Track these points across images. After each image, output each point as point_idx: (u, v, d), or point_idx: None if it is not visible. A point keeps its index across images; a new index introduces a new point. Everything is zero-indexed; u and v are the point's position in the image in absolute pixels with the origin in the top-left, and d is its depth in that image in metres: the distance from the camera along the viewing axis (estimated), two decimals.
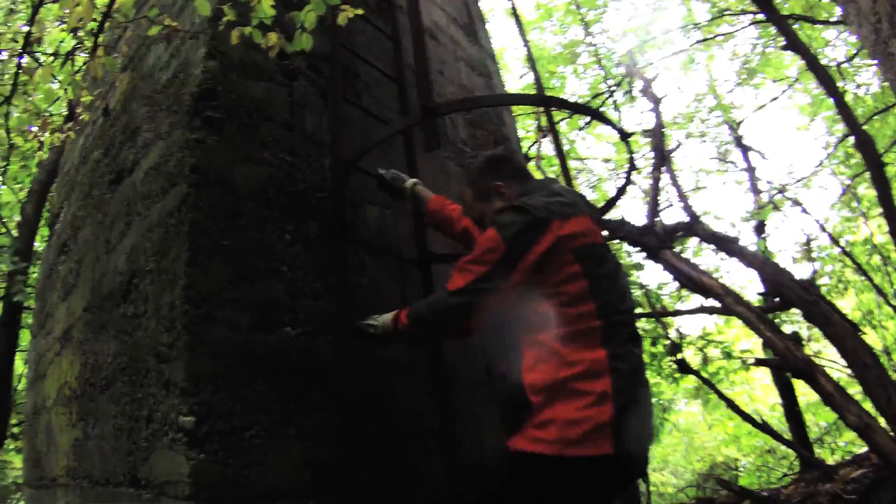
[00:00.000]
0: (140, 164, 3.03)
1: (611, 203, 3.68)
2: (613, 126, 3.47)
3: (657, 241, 3.25)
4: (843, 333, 2.58)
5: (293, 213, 2.78)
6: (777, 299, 3.10)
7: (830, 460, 9.39)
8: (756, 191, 11.43)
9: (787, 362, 2.68)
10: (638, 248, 3.64)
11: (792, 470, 10.66)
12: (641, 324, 11.55)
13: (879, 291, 6.36)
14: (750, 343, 12.91)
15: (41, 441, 3.73)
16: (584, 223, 2.36)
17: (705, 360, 10.93)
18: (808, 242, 10.21)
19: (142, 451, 2.43)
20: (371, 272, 3.13)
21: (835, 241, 7.49)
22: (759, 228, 10.87)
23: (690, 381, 12.94)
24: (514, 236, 2.24)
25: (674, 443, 17.13)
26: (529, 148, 10.33)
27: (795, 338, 2.70)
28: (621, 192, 3.62)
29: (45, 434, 3.62)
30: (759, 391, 17.55)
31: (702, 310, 9.51)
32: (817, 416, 12.74)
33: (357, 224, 3.13)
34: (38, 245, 8.86)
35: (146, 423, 2.40)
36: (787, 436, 10.61)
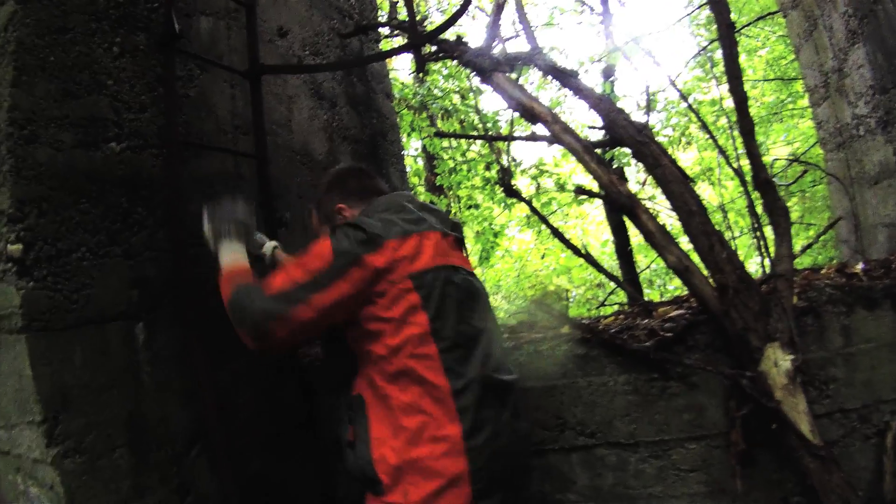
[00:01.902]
0: None
1: (447, 24, 3.84)
2: None
3: (491, 63, 3.40)
4: (671, 178, 2.83)
5: (122, 24, 2.76)
6: (608, 136, 3.40)
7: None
8: (609, 36, 11.80)
9: (609, 195, 2.92)
10: (472, 70, 3.78)
11: (621, 306, 11.66)
12: (476, 148, 11.96)
13: (721, 151, 6.90)
14: (587, 179, 13.67)
15: None
16: (431, 243, 2.36)
17: (538, 190, 11.50)
18: (650, 91, 10.87)
19: None
20: (200, 83, 3.22)
21: (683, 96, 7.97)
22: (608, 72, 11.39)
23: (524, 210, 13.63)
24: (345, 249, 2.22)
25: (506, 268, 18.04)
26: None
27: (620, 173, 2.98)
28: (459, 12, 3.80)
29: None
30: (592, 226, 18.75)
31: (532, 137, 9.94)
32: (647, 258, 13.77)
33: (188, 34, 3.14)
34: None
35: None
36: (618, 273, 11.55)
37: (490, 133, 10.19)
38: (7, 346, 2.34)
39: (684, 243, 2.95)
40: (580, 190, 3.59)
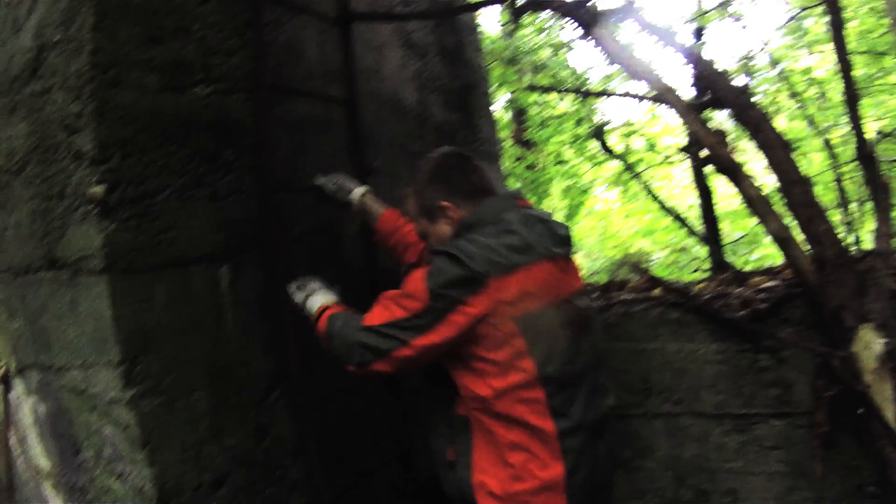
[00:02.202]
0: None
1: None
2: None
3: (592, 17, 3.25)
4: (773, 144, 2.69)
5: None
6: (707, 98, 3.24)
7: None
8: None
9: (712, 157, 2.79)
10: (570, 22, 3.63)
11: (703, 273, 11.44)
12: (565, 104, 11.78)
13: (812, 122, 6.62)
14: (674, 140, 13.40)
15: None
16: (539, 277, 2.18)
17: (628, 149, 11.31)
18: (748, 56, 10.49)
19: (57, 231, 2.50)
20: (289, 29, 3.17)
21: (774, 63, 7.66)
22: (698, 33, 11.03)
23: (610, 169, 13.42)
24: (440, 290, 2.09)
25: (590, 226, 17.88)
26: None
27: (722, 134, 2.83)
28: None
29: None
30: (677, 190, 18.36)
31: (630, 94, 9.77)
32: (733, 226, 13.46)
33: None
34: None
35: (59, 199, 2.45)
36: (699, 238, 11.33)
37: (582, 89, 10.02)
38: (87, 287, 2.36)
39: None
40: (685, 149, 3.45)
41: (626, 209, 16.76)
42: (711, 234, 11.19)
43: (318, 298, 2.58)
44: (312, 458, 2.88)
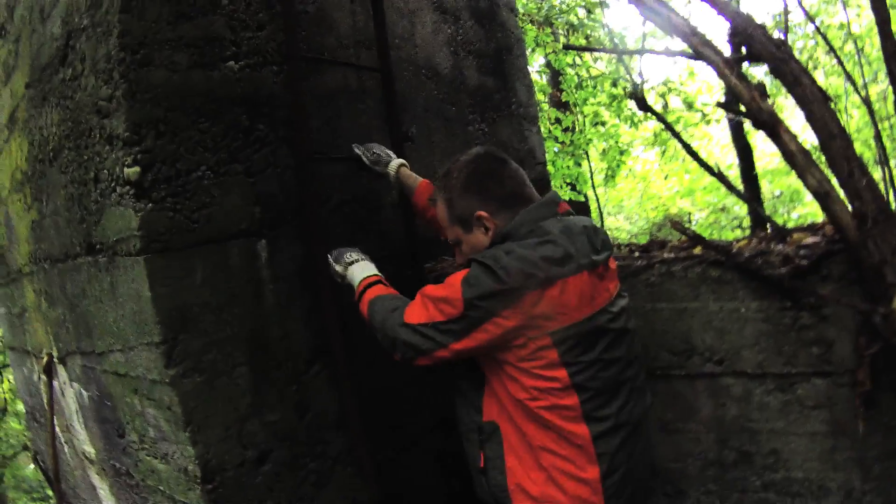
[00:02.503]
0: None
1: None
2: None
3: None
4: (812, 98, 2.61)
5: None
6: (745, 52, 3.15)
7: None
8: None
9: (751, 112, 2.72)
10: None
11: (743, 231, 11.30)
12: (602, 65, 11.64)
13: (849, 77, 6.45)
14: (711, 98, 13.20)
15: (3, 234, 3.81)
16: (577, 289, 2.11)
17: (665, 108, 11.17)
18: (784, 11, 10.24)
19: (93, 216, 2.51)
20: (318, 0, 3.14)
21: (810, 18, 7.48)
22: None
23: (648, 130, 13.27)
24: (475, 301, 2.07)
25: (629, 188, 17.76)
26: None
27: (761, 89, 2.75)
28: None
29: (5, 227, 3.70)
30: (716, 149, 18.15)
31: (667, 52, 9.60)
32: (773, 184, 13.28)
33: None
34: None
35: (94, 184, 2.46)
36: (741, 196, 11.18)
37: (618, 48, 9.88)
38: (125, 269, 2.37)
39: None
40: (723, 105, 3.38)
41: (665, 170, 16.61)
42: (752, 193, 11.06)
43: (358, 271, 2.58)
44: (354, 430, 2.89)
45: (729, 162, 15.23)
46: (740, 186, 11.52)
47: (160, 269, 2.28)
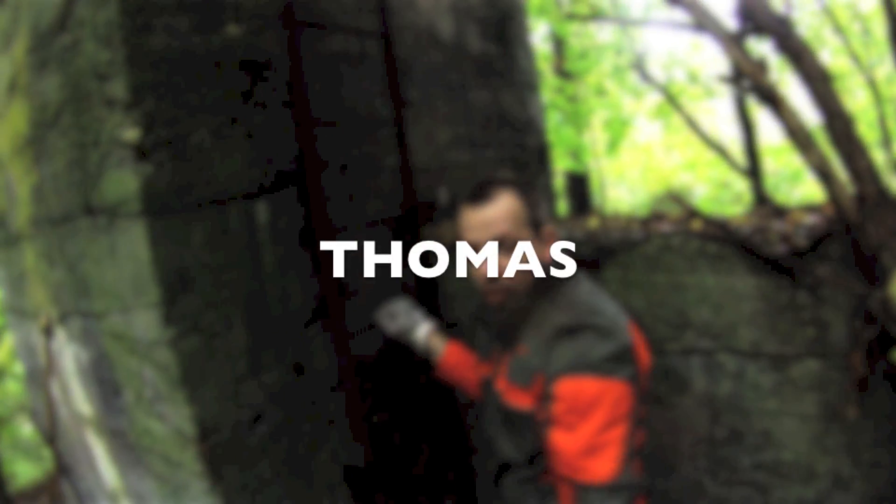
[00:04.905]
0: None
1: None
2: None
3: None
4: (815, 76, 2.62)
5: None
6: (749, 26, 3.13)
7: None
8: None
9: (755, 86, 2.72)
10: None
11: (743, 207, 11.30)
12: (606, 36, 11.58)
13: (855, 58, 6.40)
14: (716, 72, 13.14)
15: (3, 198, 3.81)
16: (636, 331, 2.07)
17: (669, 82, 11.15)
18: None
19: (93, 178, 2.52)
20: None
21: None
22: None
23: (651, 102, 13.23)
24: (629, 370, 1.93)
25: (631, 160, 17.72)
26: None
27: (763, 64, 2.74)
28: None
29: (6, 189, 3.70)
30: (719, 124, 18.09)
31: (670, 24, 9.58)
32: (775, 162, 13.26)
33: None
34: None
35: (94, 147, 2.46)
36: (745, 173, 11.17)
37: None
38: (125, 231, 2.38)
39: None
40: (725, 78, 3.37)
41: (667, 142, 16.57)
42: (753, 169, 11.05)
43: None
44: (350, 393, 2.93)
45: (731, 137, 15.20)
46: (742, 162, 11.51)
47: (159, 231, 2.30)
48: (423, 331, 2.90)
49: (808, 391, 2.66)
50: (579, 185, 12.26)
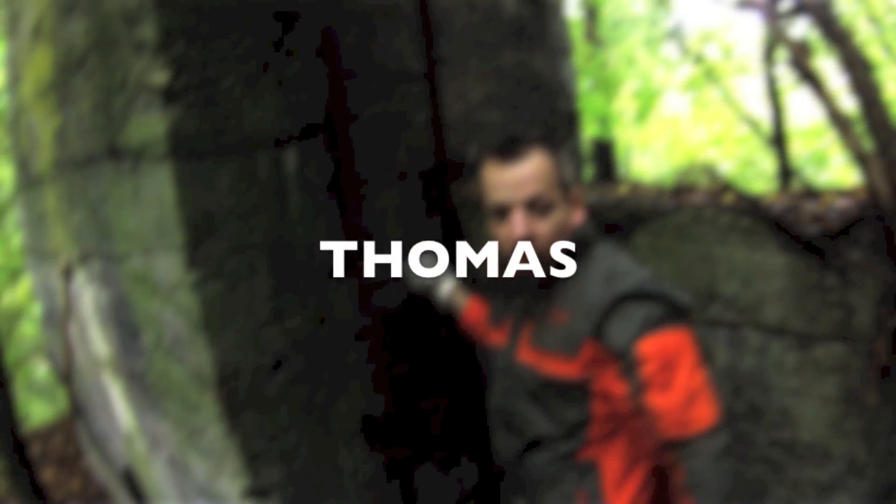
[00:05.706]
0: None
1: None
2: None
3: None
4: (855, 62, 2.57)
5: None
6: (791, 6, 3.08)
7: None
8: None
9: (797, 63, 2.68)
10: None
11: (768, 186, 11.23)
12: (639, 8, 11.45)
13: (889, 49, 6.31)
14: (750, 50, 13.02)
15: (24, 141, 3.81)
16: None
17: (702, 56, 11.04)
18: None
19: (118, 121, 2.51)
20: None
21: None
22: None
23: (681, 75, 13.10)
24: (688, 319, 1.94)
25: (657, 132, 17.56)
26: None
27: (805, 44, 2.70)
28: None
29: (27, 133, 3.70)
30: (749, 102, 17.92)
31: None
32: (804, 145, 13.13)
33: None
34: None
35: (121, 90, 2.45)
36: (773, 154, 11.05)
37: None
38: (150, 174, 2.38)
39: None
40: (764, 57, 3.31)
41: (696, 116, 16.41)
42: (782, 149, 10.94)
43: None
44: (372, 343, 2.93)
45: (760, 116, 15.07)
46: (770, 142, 11.41)
47: (186, 174, 2.29)
48: (447, 287, 2.88)
49: (829, 373, 2.63)
50: (605, 153, 12.16)
